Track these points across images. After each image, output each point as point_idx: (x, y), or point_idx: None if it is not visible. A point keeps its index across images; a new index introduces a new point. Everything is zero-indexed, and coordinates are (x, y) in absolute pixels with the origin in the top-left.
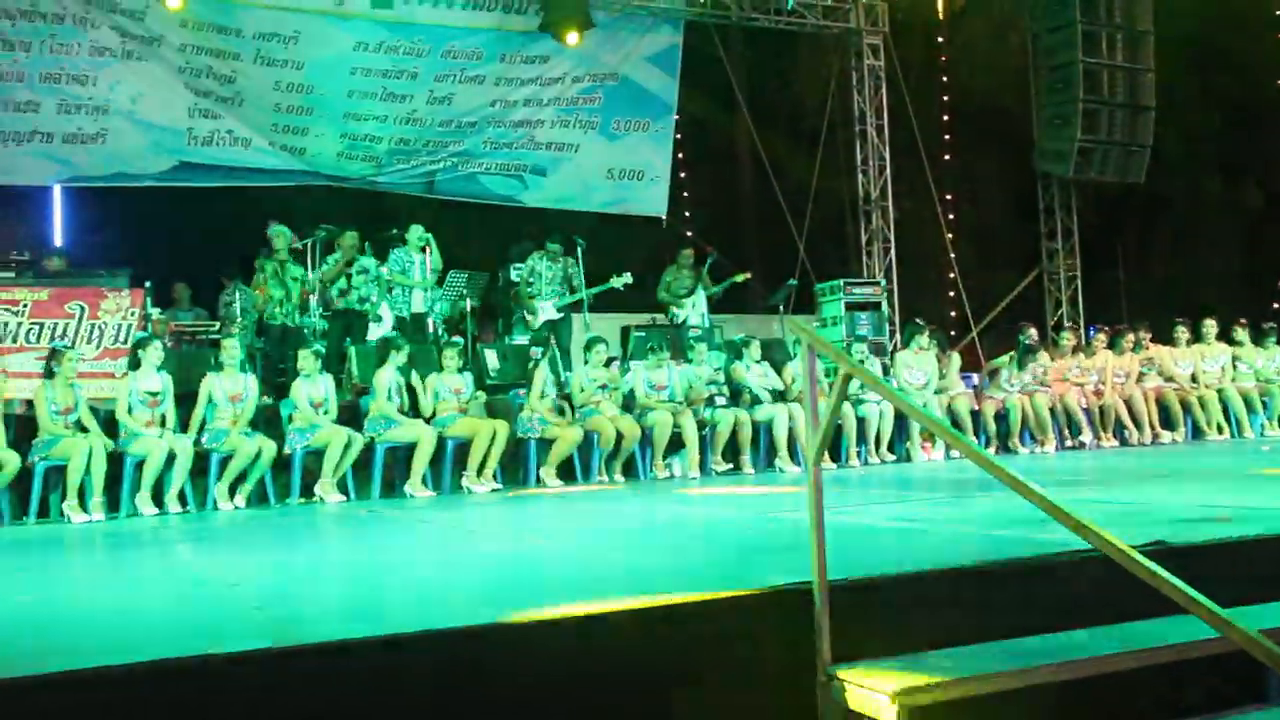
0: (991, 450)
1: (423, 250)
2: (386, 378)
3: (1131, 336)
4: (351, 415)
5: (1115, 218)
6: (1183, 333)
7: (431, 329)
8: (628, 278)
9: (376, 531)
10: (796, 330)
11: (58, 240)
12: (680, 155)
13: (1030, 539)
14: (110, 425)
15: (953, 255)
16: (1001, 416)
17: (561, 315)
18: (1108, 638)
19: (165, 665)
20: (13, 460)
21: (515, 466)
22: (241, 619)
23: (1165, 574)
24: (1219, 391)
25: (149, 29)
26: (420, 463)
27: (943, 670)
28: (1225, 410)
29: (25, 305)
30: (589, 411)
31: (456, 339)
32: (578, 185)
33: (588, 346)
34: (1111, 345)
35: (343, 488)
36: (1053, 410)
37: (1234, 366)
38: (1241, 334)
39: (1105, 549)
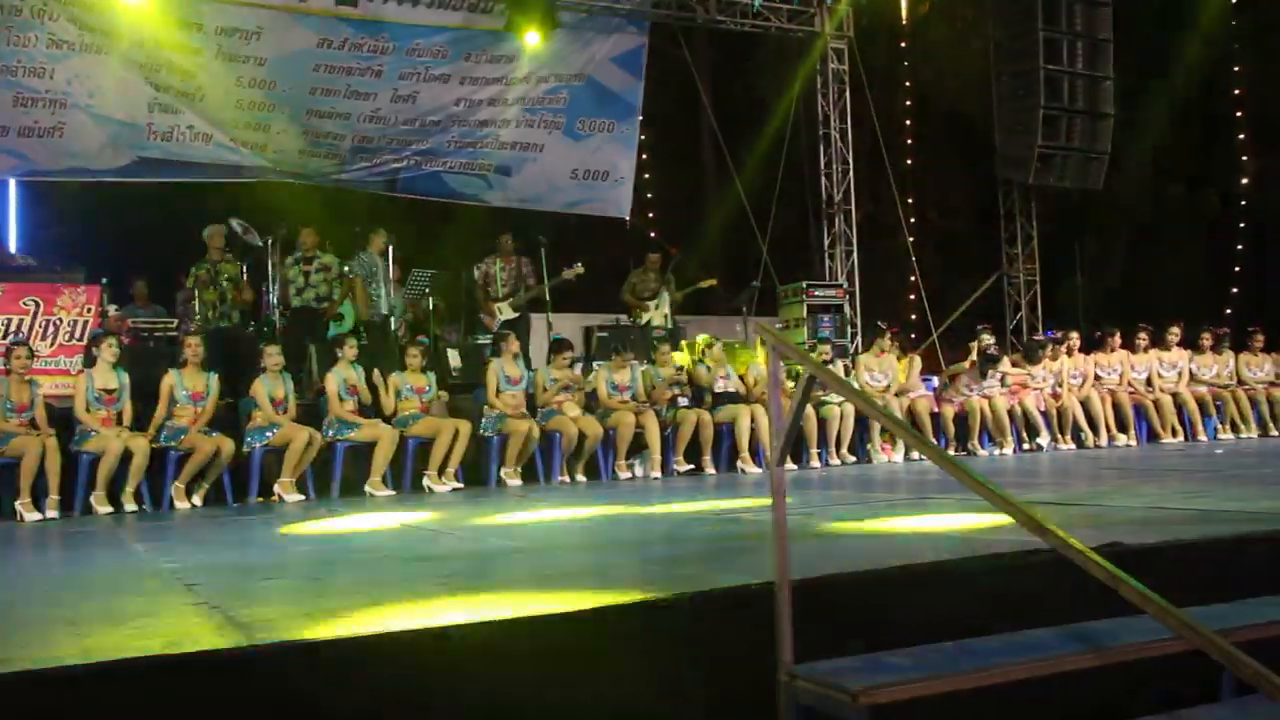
0: (951, 451)
1: (383, 255)
2: (336, 380)
3: (1076, 338)
4: (311, 414)
5: (1074, 223)
6: (1143, 339)
7: (394, 328)
8: (579, 268)
9: (334, 532)
10: (761, 332)
11: (12, 235)
12: (644, 156)
13: (989, 539)
14: (66, 422)
15: (914, 259)
16: (961, 419)
17: (518, 315)
18: (1065, 637)
19: (123, 665)
20: None
21: (477, 466)
22: (197, 618)
23: (1122, 574)
24: (1174, 395)
25: (107, 22)
26: (381, 462)
27: (903, 670)
28: (1180, 414)
29: None
30: (551, 412)
31: (421, 338)
32: (542, 185)
33: (553, 349)
34: (1069, 349)
35: (302, 487)
36: (1011, 413)
37: (1189, 372)
38: (1205, 341)
39: (1063, 549)
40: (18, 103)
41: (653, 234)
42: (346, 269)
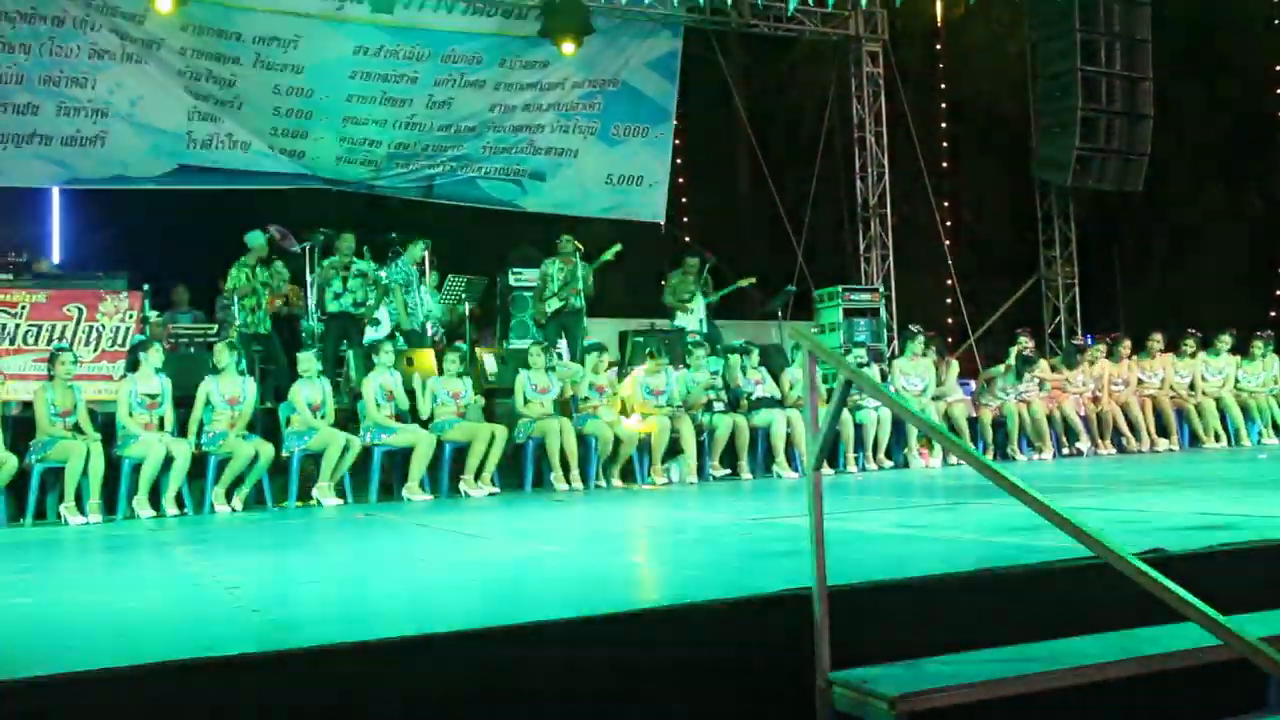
0: (989, 457)
1: (419, 265)
2: (373, 385)
3: (1128, 344)
4: (349, 419)
5: (1112, 225)
6: (1189, 345)
7: (429, 333)
8: (618, 247)
9: (372, 536)
10: (798, 336)
11: (56, 242)
12: (679, 161)
13: (1029, 546)
14: (108, 428)
15: (950, 262)
16: (999, 423)
17: (564, 305)
18: (1107, 645)
19: (165, 668)
20: (10, 461)
21: (513, 471)
22: (239, 622)
23: (1166, 581)
24: (1216, 400)
25: (148, 32)
26: (418, 467)
27: (942, 677)
28: (1223, 418)
29: (24, 307)
30: (586, 417)
31: (458, 343)
32: (576, 190)
33: (588, 352)
34: (1110, 353)
35: (340, 491)
36: (1050, 417)
37: (1235, 378)
38: (1256, 349)
39: (1106, 556)
40: (60, 112)
41: (686, 239)
42: (384, 276)
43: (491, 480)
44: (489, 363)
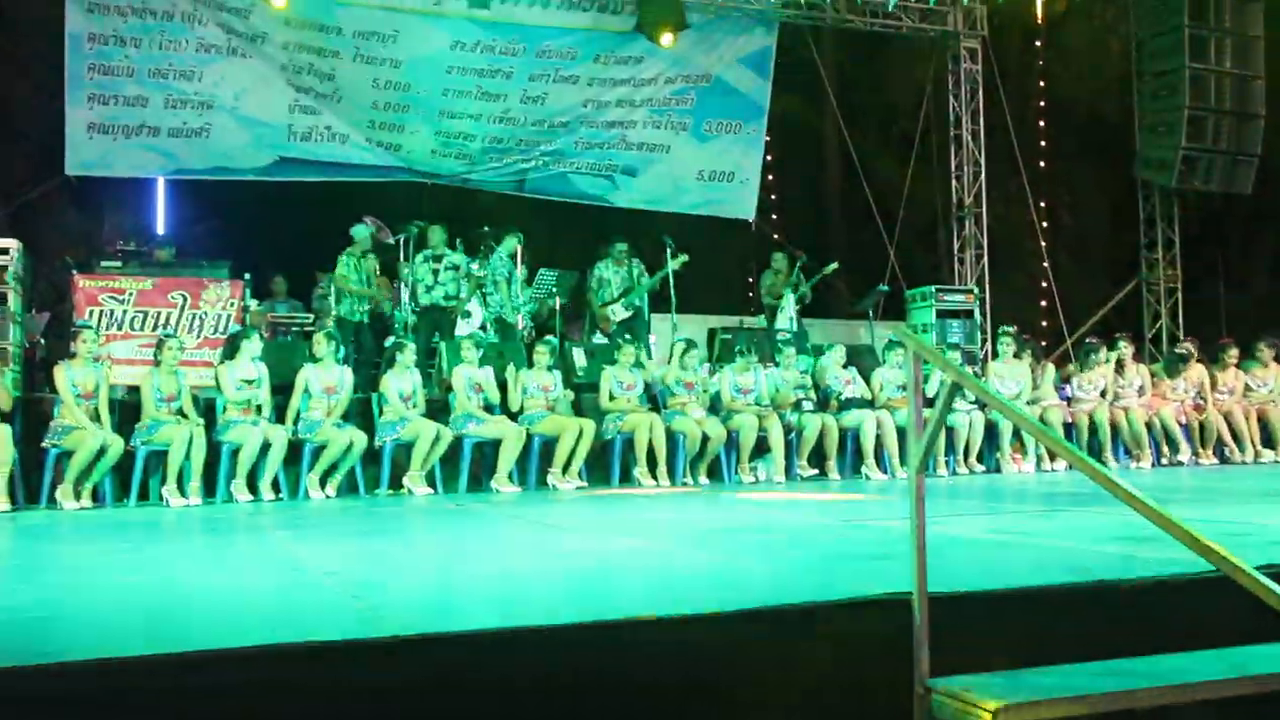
0: None
1: (513, 258)
2: (461, 377)
3: (1234, 352)
4: (440, 410)
5: (1216, 229)
6: None
7: (520, 326)
8: (684, 258)
9: (463, 526)
10: (903, 337)
11: (161, 231)
12: (769, 158)
13: (1130, 556)
14: (209, 413)
15: (1047, 264)
16: (1092, 430)
17: (632, 313)
18: (1218, 662)
19: (278, 650)
20: (117, 444)
21: (600, 465)
22: (339, 608)
23: None
24: None
25: (253, 27)
26: (506, 459)
27: (1045, 689)
28: None
29: (131, 294)
30: (674, 414)
31: (549, 337)
32: (668, 186)
33: (682, 351)
34: (1214, 360)
35: (430, 481)
36: (1149, 425)
37: None
38: None
39: (1226, 569)
40: (168, 104)
41: (776, 236)
42: (477, 269)
43: (579, 474)
44: (578, 356)
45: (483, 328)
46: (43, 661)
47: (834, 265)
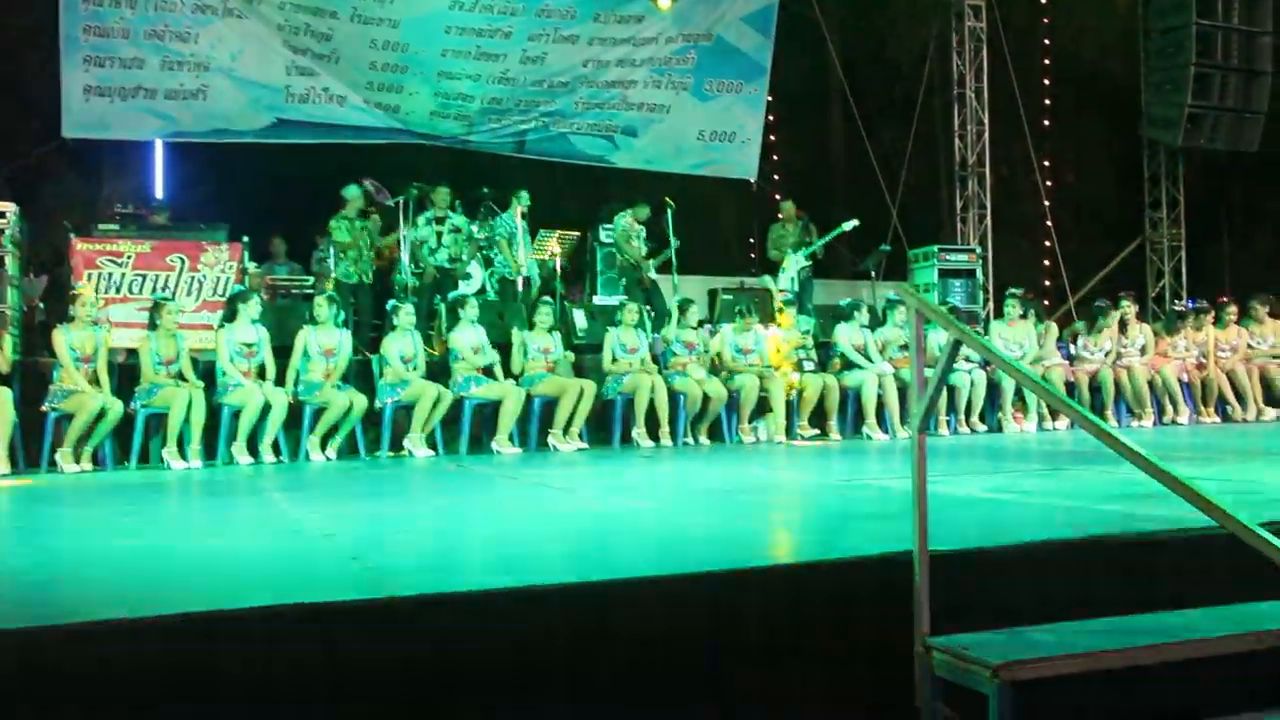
0: None
1: (524, 217)
2: (459, 339)
3: (1234, 309)
4: (440, 371)
5: (1220, 187)
6: None
7: (523, 287)
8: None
9: (463, 488)
10: (904, 294)
11: (159, 194)
12: (770, 118)
13: (1131, 514)
14: (209, 376)
15: (1050, 223)
16: (1095, 389)
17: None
18: (1220, 618)
19: (278, 611)
20: (116, 407)
21: (601, 426)
22: (338, 569)
23: None
24: None
25: None
26: (507, 420)
27: (1046, 646)
28: None
29: (129, 257)
30: (675, 374)
31: (548, 298)
32: (668, 146)
33: (680, 309)
34: (1216, 318)
35: (431, 442)
36: (1151, 383)
37: None
38: None
39: (1230, 525)
40: (164, 66)
41: (778, 196)
42: (480, 230)
43: (580, 435)
44: (578, 318)
45: (482, 290)
46: (44, 624)
47: (854, 221)
